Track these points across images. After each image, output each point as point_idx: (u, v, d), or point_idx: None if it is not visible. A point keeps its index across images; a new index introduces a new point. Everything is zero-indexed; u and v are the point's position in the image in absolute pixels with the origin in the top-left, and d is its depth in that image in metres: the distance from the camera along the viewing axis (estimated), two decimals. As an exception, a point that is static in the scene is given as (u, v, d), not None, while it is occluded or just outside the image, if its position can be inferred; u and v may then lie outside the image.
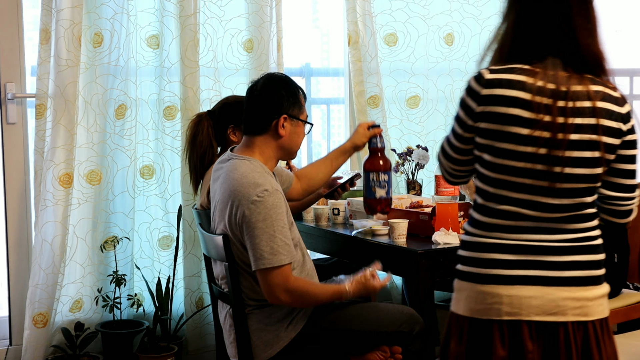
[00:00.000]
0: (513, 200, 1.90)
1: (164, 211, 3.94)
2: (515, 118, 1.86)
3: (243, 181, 2.57)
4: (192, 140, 3.39)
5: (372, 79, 4.26)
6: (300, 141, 2.77)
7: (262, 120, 2.70)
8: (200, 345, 3.97)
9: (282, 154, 2.77)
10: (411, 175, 3.94)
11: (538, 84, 1.86)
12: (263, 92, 2.71)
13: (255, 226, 2.52)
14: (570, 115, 1.86)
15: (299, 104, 2.73)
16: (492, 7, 4.52)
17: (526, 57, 1.91)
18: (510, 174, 1.89)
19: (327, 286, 2.65)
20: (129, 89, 3.80)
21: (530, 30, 1.91)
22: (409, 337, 2.74)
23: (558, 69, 1.89)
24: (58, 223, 3.60)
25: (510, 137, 1.87)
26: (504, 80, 1.88)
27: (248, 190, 2.55)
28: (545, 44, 1.90)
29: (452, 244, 2.96)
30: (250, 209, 2.52)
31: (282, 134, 2.69)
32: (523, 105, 1.85)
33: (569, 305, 1.89)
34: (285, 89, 2.71)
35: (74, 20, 3.58)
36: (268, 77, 2.75)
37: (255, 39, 3.99)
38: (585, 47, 1.91)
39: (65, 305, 3.75)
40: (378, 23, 4.31)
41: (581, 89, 1.88)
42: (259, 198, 2.52)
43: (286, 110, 2.69)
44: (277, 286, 2.53)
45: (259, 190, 2.53)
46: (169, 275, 3.89)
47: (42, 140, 3.63)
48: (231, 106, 3.41)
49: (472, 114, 1.93)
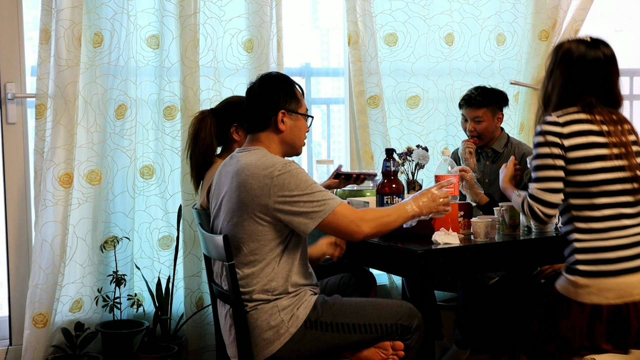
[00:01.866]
0: (612, 205, 2.67)
1: (164, 211, 3.94)
2: (594, 144, 2.68)
3: (259, 164, 2.65)
4: (194, 137, 3.40)
5: (372, 79, 4.26)
6: (302, 135, 2.84)
7: (261, 117, 2.78)
8: (200, 345, 3.97)
9: (287, 149, 2.83)
10: (411, 175, 3.93)
11: (597, 117, 2.71)
12: (259, 91, 2.80)
13: (292, 195, 2.61)
14: (627, 134, 2.73)
15: (296, 98, 2.81)
16: (492, 7, 4.52)
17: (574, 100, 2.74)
18: (605, 184, 2.67)
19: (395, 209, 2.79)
20: (129, 89, 3.80)
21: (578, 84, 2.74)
22: (409, 330, 2.76)
23: (599, 106, 2.72)
24: (58, 223, 3.60)
25: (596, 158, 2.67)
26: (574, 120, 2.70)
27: (267, 170, 2.63)
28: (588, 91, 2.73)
29: (452, 244, 2.96)
30: (277, 186, 2.61)
31: (282, 128, 2.77)
32: (596, 134, 2.69)
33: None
34: (281, 85, 2.80)
35: (74, 20, 3.58)
36: (263, 77, 2.85)
37: (255, 39, 3.99)
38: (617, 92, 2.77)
39: (65, 305, 3.75)
40: (378, 23, 4.31)
41: (616, 118, 2.74)
42: (280, 172, 2.61)
43: (283, 105, 2.77)
44: (352, 221, 2.66)
45: (277, 167, 2.62)
46: (169, 275, 3.89)
47: (42, 140, 3.63)
48: (235, 105, 3.43)
49: (562, 148, 2.68)
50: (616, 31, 5.69)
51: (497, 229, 3.18)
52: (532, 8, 4.57)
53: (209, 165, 3.39)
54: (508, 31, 4.56)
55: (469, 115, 3.96)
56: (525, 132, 4.56)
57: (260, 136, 2.79)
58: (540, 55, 4.56)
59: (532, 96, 4.61)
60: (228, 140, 3.44)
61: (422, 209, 2.81)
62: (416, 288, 2.91)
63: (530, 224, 3.24)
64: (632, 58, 5.47)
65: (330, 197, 2.66)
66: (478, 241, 3.04)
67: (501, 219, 3.19)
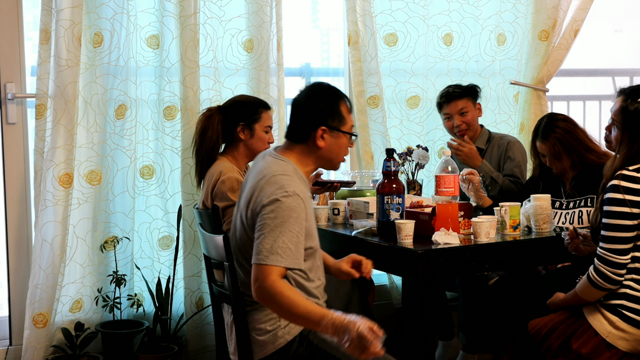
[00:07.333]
0: None
1: (164, 211, 3.94)
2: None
3: (270, 178, 2.57)
4: (202, 134, 3.42)
5: (372, 79, 4.26)
6: (342, 153, 2.71)
7: (301, 130, 2.67)
8: (200, 345, 3.97)
9: (322, 164, 2.73)
10: (411, 175, 3.94)
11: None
12: (303, 102, 2.69)
13: (266, 222, 2.50)
14: None
15: (339, 115, 2.66)
16: (492, 7, 4.52)
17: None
18: None
19: (311, 305, 2.44)
20: (129, 89, 3.80)
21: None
22: None
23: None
24: (58, 223, 3.60)
25: None
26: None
27: (272, 188, 2.54)
28: None
29: (452, 244, 2.96)
30: (267, 206, 2.52)
31: (320, 145, 2.65)
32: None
33: None
34: (325, 99, 2.67)
35: (74, 20, 3.58)
36: (310, 87, 2.73)
37: (255, 39, 3.99)
38: None
39: (65, 305, 3.75)
40: (378, 23, 4.31)
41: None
42: (277, 197, 2.51)
43: (324, 121, 2.64)
44: (256, 282, 2.46)
45: (281, 191, 2.52)
46: (169, 275, 3.89)
47: (42, 140, 3.63)
48: (243, 104, 3.47)
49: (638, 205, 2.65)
50: (616, 31, 5.69)
51: (497, 229, 3.18)
52: (532, 8, 4.57)
53: (212, 162, 3.40)
54: (508, 31, 4.56)
55: (453, 110, 3.99)
56: (525, 132, 4.56)
57: (296, 147, 2.67)
58: (540, 55, 4.56)
59: (532, 96, 4.61)
60: (233, 138, 3.45)
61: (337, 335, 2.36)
62: (413, 289, 2.91)
63: (531, 224, 3.25)
64: (632, 58, 5.47)
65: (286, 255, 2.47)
66: (478, 241, 3.05)
67: (501, 219, 3.19)
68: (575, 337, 2.75)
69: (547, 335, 2.83)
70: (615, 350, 2.69)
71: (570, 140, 3.43)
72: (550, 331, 2.83)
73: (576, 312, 2.81)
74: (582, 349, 2.71)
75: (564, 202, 3.51)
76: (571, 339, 2.76)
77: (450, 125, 4.03)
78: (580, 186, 3.46)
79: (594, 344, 2.70)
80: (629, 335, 2.68)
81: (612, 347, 2.69)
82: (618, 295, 2.71)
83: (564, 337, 2.79)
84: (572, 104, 5.15)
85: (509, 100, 4.62)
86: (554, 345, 2.80)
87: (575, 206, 3.46)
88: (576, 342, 2.73)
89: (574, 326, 2.78)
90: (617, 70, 5.36)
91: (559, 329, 2.82)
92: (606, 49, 5.74)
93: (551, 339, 2.82)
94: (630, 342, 2.68)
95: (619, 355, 2.69)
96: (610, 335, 2.69)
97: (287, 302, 2.42)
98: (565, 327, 2.81)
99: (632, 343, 2.68)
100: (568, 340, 2.77)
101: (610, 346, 2.69)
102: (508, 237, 3.16)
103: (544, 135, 3.47)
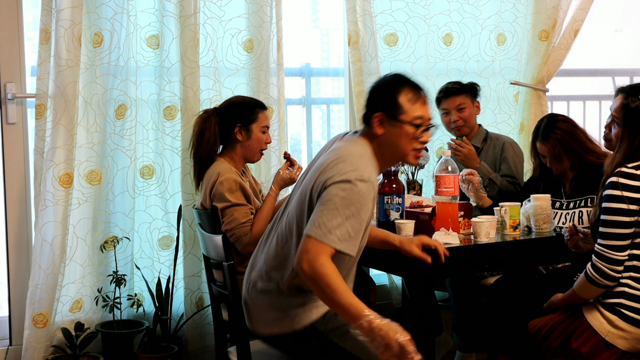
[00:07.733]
0: None
1: (164, 211, 3.94)
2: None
3: (349, 158, 2.49)
4: (199, 136, 3.43)
5: (372, 79, 4.24)
6: (403, 143, 2.58)
7: (365, 114, 2.62)
8: (200, 345, 3.97)
9: (385, 152, 2.60)
10: (411, 175, 3.94)
11: None
12: (372, 86, 2.66)
13: (332, 199, 2.41)
14: None
15: (395, 103, 2.57)
16: (492, 7, 4.52)
17: None
18: None
19: (354, 297, 2.37)
20: (129, 89, 3.80)
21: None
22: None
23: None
24: (58, 223, 3.60)
25: None
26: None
27: (348, 168, 2.45)
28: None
29: (452, 244, 2.96)
30: (339, 183, 2.42)
31: (377, 132, 2.57)
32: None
33: None
34: (383, 87, 2.62)
35: (74, 20, 3.58)
36: (388, 74, 2.70)
37: (255, 39, 3.99)
38: None
39: (65, 305, 3.75)
40: (378, 23, 4.31)
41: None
42: (351, 179, 2.42)
43: (380, 107, 2.57)
44: (307, 254, 2.38)
45: (356, 174, 2.44)
46: (169, 275, 3.89)
47: (42, 140, 3.63)
48: (239, 105, 3.47)
49: (636, 202, 2.66)
50: (616, 31, 5.69)
51: (497, 229, 3.18)
52: (532, 8, 4.57)
53: (210, 164, 3.41)
54: (508, 31, 4.56)
55: (450, 106, 3.99)
56: (525, 132, 4.56)
57: (365, 131, 2.61)
58: (540, 55, 4.56)
59: (532, 96, 4.61)
60: (230, 139, 3.45)
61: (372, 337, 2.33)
62: (416, 288, 2.91)
63: (531, 224, 3.25)
64: (632, 58, 5.47)
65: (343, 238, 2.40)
66: (478, 241, 3.05)
67: (501, 219, 3.19)
68: (575, 336, 2.75)
69: (547, 335, 2.84)
70: (615, 349, 2.69)
71: (571, 141, 3.43)
72: (549, 331, 2.84)
73: (575, 312, 2.81)
74: (581, 348, 2.72)
75: (564, 203, 3.51)
76: (571, 338, 2.76)
77: (448, 120, 4.03)
78: (580, 187, 3.46)
79: (594, 343, 2.71)
80: (628, 334, 2.68)
81: (611, 346, 2.69)
82: (616, 294, 2.72)
83: (564, 336, 2.79)
84: (572, 104, 5.15)
85: (509, 100, 4.62)
86: (553, 344, 2.81)
87: (575, 206, 3.46)
88: (576, 342, 2.74)
89: (574, 325, 2.78)
90: (617, 70, 5.37)
91: (558, 329, 2.82)
92: (606, 49, 5.75)
93: (551, 339, 2.82)
94: (629, 341, 2.69)
95: (618, 354, 2.69)
96: (609, 334, 2.70)
97: (332, 287, 2.35)
98: (565, 326, 2.81)
99: (631, 342, 2.69)
100: (568, 339, 2.77)
101: (609, 345, 2.70)
102: (508, 237, 3.16)
103: (544, 137, 3.48)
